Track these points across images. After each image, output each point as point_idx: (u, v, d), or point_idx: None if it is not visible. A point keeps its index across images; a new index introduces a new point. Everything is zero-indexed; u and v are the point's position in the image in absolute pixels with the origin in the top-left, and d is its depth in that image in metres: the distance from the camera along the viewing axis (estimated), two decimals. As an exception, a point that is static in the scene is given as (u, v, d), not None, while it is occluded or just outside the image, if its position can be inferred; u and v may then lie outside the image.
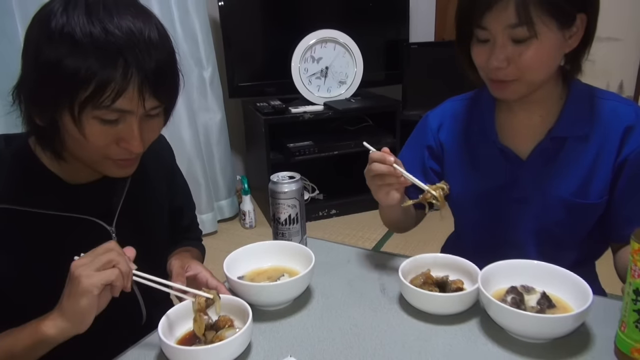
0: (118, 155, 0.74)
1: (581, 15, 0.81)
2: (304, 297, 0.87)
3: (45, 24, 0.66)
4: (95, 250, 0.68)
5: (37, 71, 0.67)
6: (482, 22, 0.81)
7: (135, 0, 0.73)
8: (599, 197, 0.91)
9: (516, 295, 0.77)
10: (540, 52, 0.80)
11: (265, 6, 2.67)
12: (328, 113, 2.56)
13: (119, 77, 0.66)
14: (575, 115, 0.90)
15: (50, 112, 0.69)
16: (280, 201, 0.94)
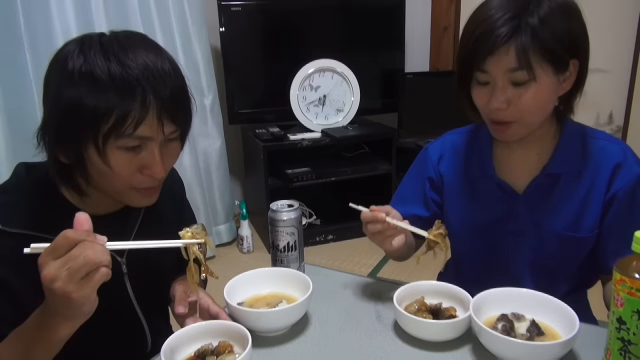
0: (141, 184, 0.78)
1: (574, 61, 0.87)
2: (302, 323, 0.89)
3: (64, 66, 0.70)
4: (57, 247, 0.61)
5: (60, 112, 0.72)
6: (483, 65, 0.85)
7: (145, 36, 0.78)
8: (590, 231, 0.95)
9: (506, 323, 0.79)
10: (538, 95, 0.85)
11: (265, 35, 2.74)
12: (326, 140, 2.61)
13: (138, 106, 0.70)
14: (568, 154, 0.95)
15: (75, 148, 0.73)
16: (279, 229, 0.98)
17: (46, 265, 0.61)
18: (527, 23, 0.81)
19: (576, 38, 0.86)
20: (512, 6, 0.83)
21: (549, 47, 0.82)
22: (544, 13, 0.82)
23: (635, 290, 0.64)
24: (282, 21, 2.74)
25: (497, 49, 0.83)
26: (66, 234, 0.62)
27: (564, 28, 0.84)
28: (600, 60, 2.57)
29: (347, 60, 2.68)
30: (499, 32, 0.82)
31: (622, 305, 0.66)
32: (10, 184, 0.82)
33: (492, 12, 0.84)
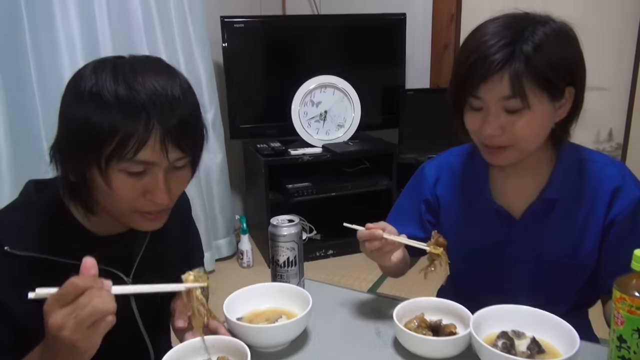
0: (145, 208, 0.77)
1: (569, 88, 0.86)
2: (301, 339, 0.89)
3: (76, 86, 0.72)
4: (64, 294, 0.60)
5: (68, 130, 0.73)
6: (476, 92, 0.85)
7: (160, 60, 0.78)
8: (589, 257, 0.94)
9: (507, 340, 0.79)
10: (532, 122, 0.84)
11: (267, 51, 2.77)
12: (326, 155, 2.62)
13: (140, 129, 0.70)
14: (565, 179, 0.94)
15: (80, 168, 0.73)
16: (279, 244, 0.98)
17: (53, 313, 0.60)
18: (522, 50, 0.81)
19: (572, 65, 0.85)
20: (507, 33, 0.82)
21: (543, 75, 0.81)
22: (539, 40, 0.81)
23: (635, 308, 0.64)
24: (284, 37, 2.77)
25: (491, 76, 0.82)
26: (74, 282, 0.61)
27: (560, 55, 0.83)
28: (599, 78, 2.59)
29: (348, 77, 2.70)
30: (492, 59, 0.81)
31: (622, 323, 0.66)
32: (20, 202, 0.81)
33: (486, 38, 0.83)
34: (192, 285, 0.75)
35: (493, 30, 0.84)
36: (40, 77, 1.81)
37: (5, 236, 0.75)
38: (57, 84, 1.87)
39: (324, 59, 2.80)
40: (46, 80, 1.83)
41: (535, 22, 0.84)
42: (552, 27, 0.84)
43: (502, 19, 0.86)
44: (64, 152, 0.75)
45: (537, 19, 0.85)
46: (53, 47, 1.86)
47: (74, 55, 1.91)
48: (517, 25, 0.83)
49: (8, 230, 0.76)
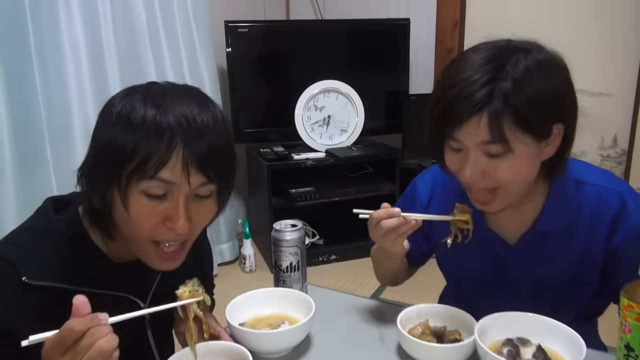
0: (163, 237, 0.73)
1: (558, 125, 0.79)
2: (304, 345, 0.88)
3: (108, 110, 0.71)
4: (64, 340, 0.58)
5: (94, 151, 0.72)
6: (453, 134, 0.78)
7: (194, 88, 0.76)
8: (590, 282, 0.91)
9: (512, 348, 0.78)
10: (516, 166, 0.78)
11: (271, 56, 2.77)
12: (329, 160, 2.62)
13: (163, 147, 0.67)
14: (558, 209, 0.88)
15: (102, 190, 0.71)
16: (282, 249, 0.97)
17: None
18: (501, 89, 0.73)
19: (559, 100, 0.77)
20: (486, 68, 0.75)
21: (525, 117, 0.74)
22: (520, 75, 0.74)
23: (643, 316, 0.63)
24: (288, 42, 2.78)
25: (468, 118, 0.75)
26: (72, 327, 0.58)
27: (544, 92, 0.75)
28: (604, 84, 2.59)
29: (351, 81, 2.70)
30: (470, 100, 0.74)
31: (630, 331, 0.65)
32: (39, 226, 0.78)
33: (465, 74, 0.75)
34: (188, 301, 0.74)
35: (473, 63, 0.76)
36: (43, 79, 1.82)
37: (24, 266, 0.71)
38: (61, 86, 1.88)
39: (328, 63, 2.80)
40: (50, 83, 1.84)
41: (518, 53, 0.76)
42: (535, 58, 0.76)
43: (484, 50, 0.78)
44: (89, 173, 0.73)
45: (521, 48, 0.77)
46: (57, 51, 1.86)
47: (78, 58, 1.92)
48: (498, 58, 0.76)
49: (26, 259, 0.72)
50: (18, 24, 1.74)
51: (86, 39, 1.94)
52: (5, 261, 0.71)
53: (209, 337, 0.80)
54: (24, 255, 0.73)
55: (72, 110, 1.91)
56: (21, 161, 1.72)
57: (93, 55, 1.96)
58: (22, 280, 0.70)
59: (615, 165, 2.74)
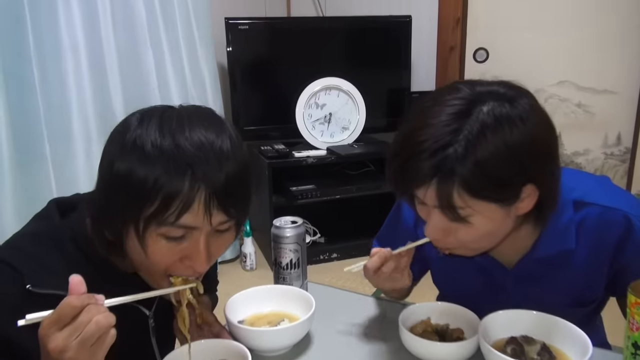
0: (181, 272, 0.72)
1: (529, 186, 0.71)
2: (304, 343, 0.86)
3: (121, 137, 0.67)
4: (62, 316, 0.57)
5: (108, 183, 0.68)
6: (412, 191, 0.75)
7: (210, 112, 0.73)
8: (594, 301, 0.88)
9: (516, 346, 0.77)
10: (477, 231, 0.73)
11: (272, 53, 2.76)
12: (331, 158, 2.60)
13: (185, 190, 0.64)
14: (555, 236, 0.82)
15: (117, 226, 0.69)
16: (282, 245, 0.96)
17: (52, 336, 0.57)
18: (451, 157, 0.67)
19: (521, 162, 0.69)
20: (447, 130, 0.68)
21: (476, 187, 0.68)
22: (474, 137, 0.66)
23: (651, 313, 0.61)
24: (289, 39, 2.76)
25: (420, 185, 0.71)
26: (71, 302, 0.58)
27: (499, 154, 0.67)
28: (608, 82, 2.57)
29: (353, 79, 2.68)
30: (421, 167, 0.69)
31: (637, 329, 0.63)
32: (44, 231, 0.75)
33: (423, 135, 0.69)
34: (181, 287, 0.72)
35: (435, 121, 0.70)
36: (42, 76, 1.81)
37: (28, 273, 0.69)
38: (60, 84, 1.87)
39: (329, 61, 2.79)
40: (48, 80, 1.83)
41: (483, 104, 0.69)
42: (497, 114, 0.68)
43: (450, 102, 0.71)
44: (101, 207, 0.69)
45: (492, 96, 0.70)
46: (56, 48, 1.85)
47: (77, 56, 1.91)
48: (460, 117, 0.69)
49: (30, 266, 0.70)
50: (17, 22, 1.73)
51: (85, 36, 1.93)
52: (9, 267, 0.69)
53: (201, 322, 0.79)
54: (28, 262, 0.70)
55: (72, 108, 1.90)
56: (19, 158, 1.71)
57: (92, 52, 1.95)
58: (26, 288, 0.67)
59: (618, 164, 2.73)
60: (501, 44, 2.76)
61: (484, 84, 0.74)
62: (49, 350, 0.57)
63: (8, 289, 0.68)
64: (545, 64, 2.68)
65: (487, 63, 2.83)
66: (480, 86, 0.73)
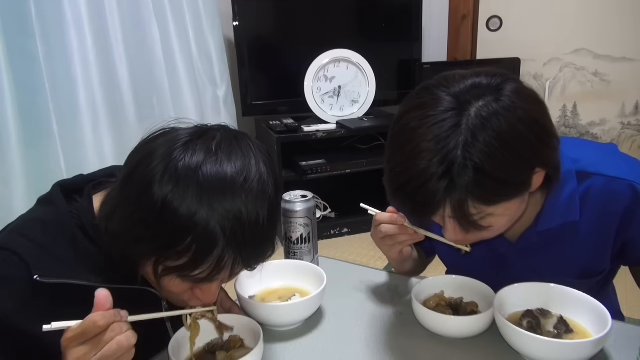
0: (189, 301, 0.72)
1: (536, 172, 0.71)
2: (316, 317, 0.86)
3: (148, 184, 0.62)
4: (86, 332, 0.58)
5: (137, 205, 0.64)
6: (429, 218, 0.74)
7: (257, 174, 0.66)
8: (602, 271, 0.86)
9: (532, 319, 0.75)
10: (496, 224, 0.73)
11: (279, 26, 2.70)
12: (340, 132, 2.57)
13: (215, 258, 0.62)
14: (558, 208, 0.81)
15: (133, 252, 0.67)
16: (292, 220, 0.94)
17: (74, 349, 0.58)
18: (459, 181, 0.65)
19: (530, 157, 0.68)
20: (439, 158, 0.65)
21: (492, 196, 0.68)
22: (479, 158, 0.64)
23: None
24: (296, 11, 2.70)
25: (433, 214, 0.71)
26: (97, 322, 0.57)
27: (511, 162, 0.66)
28: (626, 49, 2.48)
29: (362, 51, 2.63)
30: (430, 199, 0.67)
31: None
32: (50, 218, 0.73)
33: (417, 165, 0.67)
34: (200, 310, 0.72)
35: (422, 146, 0.66)
36: (46, 51, 1.78)
37: (35, 263, 0.67)
38: (64, 58, 1.85)
39: (337, 32, 2.73)
40: (53, 55, 1.81)
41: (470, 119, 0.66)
42: (495, 128, 0.65)
43: (432, 121, 0.67)
44: (121, 226, 0.66)
45: (477, 98, 0.67)
46: (59, 22, 1.82)
47: (81, 29, 1.88)
48: (449, 138, 0.65)
49: (38, 256, 0.68)
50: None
51: (89, 9, 1.89)
52: (17, 256, 0.67)
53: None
54: (36, 251, 0.68)
55: (77, 83, 1.88)
56: (26, 134, 1.70)
57: (96, 25, 1.92)
58: (33, 279, 0.66)
59: (636, 134, 2.66)
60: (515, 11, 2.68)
61: (460, 81, 0.70)
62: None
63: (16, 279, 0.67)
64: (560, 32, 2.59)
65: (500, 32, 2.75)
66: (459, 85, 0.69)
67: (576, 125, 2.65)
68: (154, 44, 2.13)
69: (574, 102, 2.67)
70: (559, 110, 2.74)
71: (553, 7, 2.57)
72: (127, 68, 2.02)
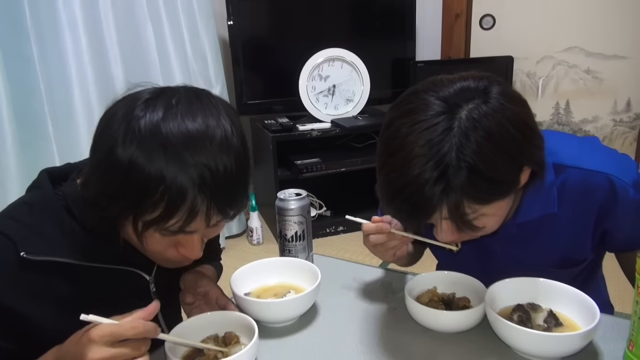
0: (174, 258, 0.74)
1: (524, 170, 0.72)
2: (310, 314, 0.87)
3: (125, 129, 0.64)
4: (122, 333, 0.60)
5: (107, 171, 0.65)
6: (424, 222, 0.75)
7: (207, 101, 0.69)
8: (583, 260, 0.88)
9: (523, 314, 0.76)
10: (489, 224, 0.75)
11: (273, 26, 2.71)
12: (335, 130, 2.58)
13: (188, 202, 0.64)
14: (537, 200, 0.83)
15: (113, 216, 0.68)
16: (286, 218, 0.95)
17: (97, 347, 0.59)
18: (455, 183, 0.66)
19: (520, 156, 0.70)
20: (432, 163, 0.66)
21: (487, 195, 0.70)
22: (472, 159, 0.65)
23: (661, 278, 0.60)
24: (291, 10, 2.71)
25: (430, 217, 0.71)
26: (136, 327, 0.60)
27: (504, 161, 0.68)
28: (618, 47, 2.50)
29: (356, 49, 2.64)
30: (425, 204, 0.68)
31: (646, 294, 0.63)
32: (36, 202, 0.74)
33: (410, 171, 0.67)
34: (212, 347, 0.73)
35: (414, 152, 0.67)
36: (41, 53, 1.78)
37: (21, 241, 0.69)
38: (59, 60, 1.85)
39: (332, 31, 2.74)
40: (48, 57, 1.81)
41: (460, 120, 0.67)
42: (485, 127, 0.66)
43: (426, 127, 0.68)
44: (97, 194, 0.67)
45: (466, 102, 0.68)
46: (53, 24, 1.82)
47: (76, 31, 1.88)
48: (440, 142, 0.66)
49: (24, 234, 0.70)
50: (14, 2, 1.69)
51: (83, 11, 1.90)
52: (3, 236, 0.69)
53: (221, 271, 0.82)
54: (22, 230, 0.70)
55: (72, 84, 1.88)
56: (22, 136, 1.70)
57: (91, 26, 1.92)
58: (20, 256, 0.67)
59: (627, 131, 2.69)
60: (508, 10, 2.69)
61: (448, 85, 0.71)
62: (84, 353, 0.59)
63: (3, 257, 0.68)
64: (553, 30, 2.61)
65: (493, 30, 2.77)
66: (447, 89, 0.70)
67: (569, 123, 2.67)
68: (149, 45, 2.13)
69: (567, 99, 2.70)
70: (551, 107, 2.76)
71: (545, 5, 2.59)
72: (122, 69, 2.02)
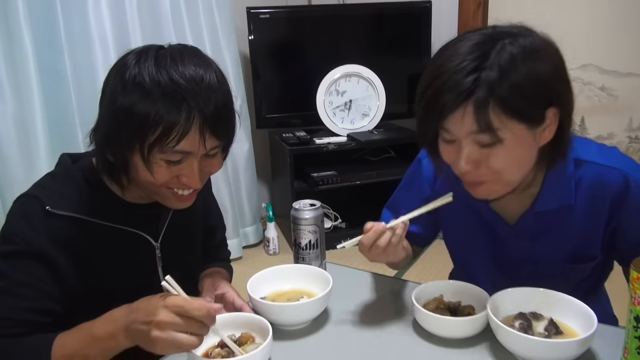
0: (177, 187, 0.84)
1: (552, 110, 0.76)
2: (322, 318, 0.91)
3: (121, 75, 0.77)
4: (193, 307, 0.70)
5: (112, 117, 0.78)
6: (444, 124, 0.77)
7: (197, 50, 0.83)
8: (593, 258, 0.91)
9: (524, 321, 0.80)
10: (509, 155, 0.77)
11: (292, 42, 2.79)
12: (351, 144, 2.63)
13: (182, 120, 0.75)
14: (556, 190, 0.86)
15: (122, 152, 0.80)
16: (301, 227, 1.00)
17: (167, 312, 0.69)
18: (486, 78, 0.71)
19: (547, 85, 0.75)
20: (472, 56, 0.73)
21: (511, 105, 0.72)
22: (505, 63, 0.72)
23: (651, 288, 0.64)
24: (309, 28, 2.78)
25: (454, 109, 0.74)
26: (208, 309, 0.71)
27: (530, 78, 0.72)
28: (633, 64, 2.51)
29: (373, 66, 2.70)
30: (455, 90, 0.73)
31: (639, 303, 0.66)
32: (58, 172, 0.89)
33: (450, 63, 0.74)
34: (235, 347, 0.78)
35: (458, 52, 0.74)
36: (73, 67, 1.89)
37: (46, 199, 0.82)
38: (90, 73, 1.94)
39: (349, 48, 2.80)
40: (79, 71, 1.91)
41: (504, 39, 0.74)
42: (521, 45, 0.73)
43: (469, 39, 0.76)
44: (106, 136, 0.81)
45: (507, 33, 0.75)
46: (85, 38, 1.92)
47: (106, 48, 1.98)
48: (484, 45, 0.74)
49: (49, 194, 0.83)
50: (49, 14, 1.80)
51: (112, 26, 2.00)
52: (32, 197, 0.84)
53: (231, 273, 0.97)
54: (47, 193, 0.84)
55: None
56: (54, 147, 1.79)
57: (119, 41, 2.02)
58: (45, 209, 0.81)
59: (644, 148, 2.68)
60: (523, 27, 2.72)
61: (497, 27, 0.79)
62: (151, 319, 0.68)
63: (32, 211, 0.82)
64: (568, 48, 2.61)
65: (509, 47, 2.79)
66: (495, 28, 0.78)
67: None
68: (174, 59, 2.22)
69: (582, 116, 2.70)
70: (567, 124, 2.76)
71: (561, 23, 2.62)
72: (148, 82, 2.12)
